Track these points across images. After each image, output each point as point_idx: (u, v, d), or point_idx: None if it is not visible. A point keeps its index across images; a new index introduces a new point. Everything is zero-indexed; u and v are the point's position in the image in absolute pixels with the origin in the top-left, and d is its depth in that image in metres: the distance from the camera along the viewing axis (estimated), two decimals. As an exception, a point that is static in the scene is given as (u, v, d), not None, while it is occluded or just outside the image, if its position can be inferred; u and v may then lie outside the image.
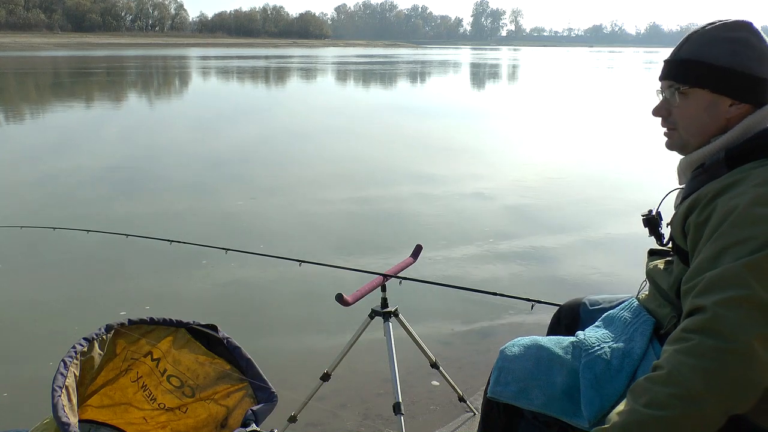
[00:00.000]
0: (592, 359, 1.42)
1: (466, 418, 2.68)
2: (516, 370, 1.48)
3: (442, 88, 25.12)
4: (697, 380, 1.02)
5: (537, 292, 4.19)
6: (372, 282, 2.16)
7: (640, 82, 29.38)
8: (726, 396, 1.02)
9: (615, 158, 9.16)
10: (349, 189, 7.03)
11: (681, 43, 1.38)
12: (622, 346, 1.42)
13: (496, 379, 1.50)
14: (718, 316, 1.05)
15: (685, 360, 1.05)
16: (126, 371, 1.59)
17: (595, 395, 1.37)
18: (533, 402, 1.43)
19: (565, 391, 1.41)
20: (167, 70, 33.97)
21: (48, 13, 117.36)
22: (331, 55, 65.18)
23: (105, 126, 12.26)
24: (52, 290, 4.12)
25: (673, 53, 1.38)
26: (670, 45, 48.90)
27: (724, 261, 1.11)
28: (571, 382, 1.42)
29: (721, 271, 1.10)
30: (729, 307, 1.05)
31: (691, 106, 1.34)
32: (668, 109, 1.39)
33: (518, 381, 1.47)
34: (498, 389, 1.48)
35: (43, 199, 6.48)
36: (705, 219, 1.23)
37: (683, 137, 1.38)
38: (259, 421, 1.40)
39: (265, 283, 4.30)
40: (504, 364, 1.51)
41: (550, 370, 1.45)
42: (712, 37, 1.32)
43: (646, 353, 1.40)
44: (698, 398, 1.02)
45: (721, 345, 1.02)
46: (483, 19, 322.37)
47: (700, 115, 1.33)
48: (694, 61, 1.33)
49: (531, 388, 1.44)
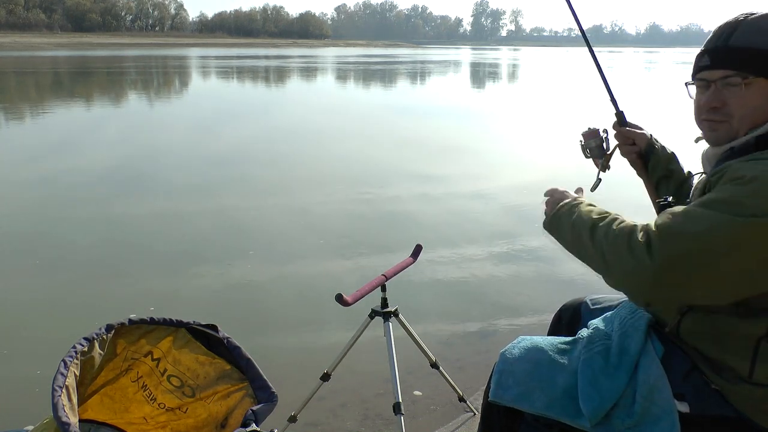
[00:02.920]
0: (590, 357, 1.43)
1: (466, 418, 2.68)
2: (516, 373, 1.47)
3: (442, 88, 25.12)
4: (609, 238, 1.23)
5: (537, 292, 4.21)
6: (372, 282, 2.16)
7: (639, 82, 29.39)
8: (614, 254, 1.21)
9: (615, 158, 9.15)
10: (349, 189, 7.03)
11: (727, 32, 1.33)
12: (619, 344, 1.42)
13: (497, 383, 1.49)
14: (662, 237, 1.16)
15: (625, 228, 1.23)
16: (126, 371, 1.59)
17: (594, 392, 1.37)
18: (534, 405, 1.42)
19: (566, 392, 1.41)
20: (167, 70, 33.97)
21: (48, 13, 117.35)
22: (331, 55, 65.17)
23: (105, 126, 12.27)
24: (52, 290, 4.12)
25: (722, 41, 1.33)
26: (670, 45, 48.81)
27: (708, 206, 1.17)
28: (572, 382, 1.41)
29: (701, 212, 1.17)
30: (683, 237, 1.15)
31: (755, 95, 1.30)
32: (723, 100, 1.33)
33: (519, 384, 1.45)
34: (499, 392, 1.47)
35: (43, 198, 6.48)
36: (717, 179, 1.24)
37: (735, 128, 1.33)
38: (259, 421, 1.40)
39: (265, 283, 4.30)
40: (504, 366, 1.50)
41: (550, 371, 1.45)
42: (759, 26, 1.29)
43: (644, 349, 1.40)
44: (596, 236, 1.27)
45: (639, 252, 1.16)
46: (483, 19, 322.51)
47: (763, 105, 1.30)
48: (755, 49, 1.28)
49: (532, 391, 1.43)
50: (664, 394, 1.33)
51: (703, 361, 1.35)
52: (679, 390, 1.35)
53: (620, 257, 1.19)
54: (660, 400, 1.33)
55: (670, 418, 1.32)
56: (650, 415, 1.33)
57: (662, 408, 1.33)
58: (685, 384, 1.35)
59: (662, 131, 1.45)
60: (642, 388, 1.35)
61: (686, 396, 1.34)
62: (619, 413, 1.35)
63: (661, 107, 15.34)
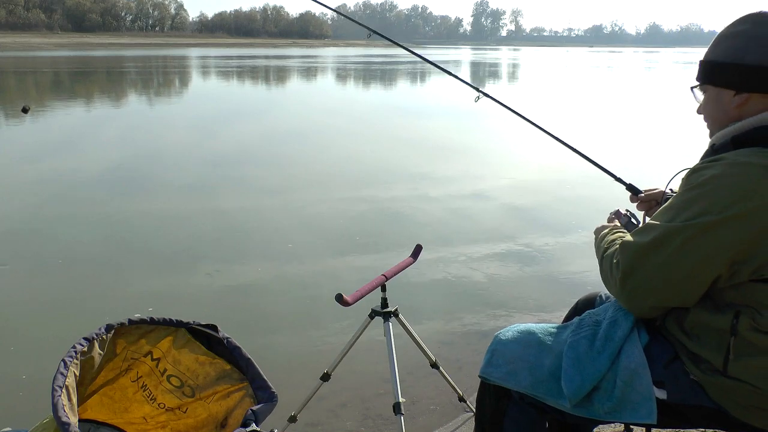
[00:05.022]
0: (576, 340, 1.48)
1: (466, 418, 2.68)
2: (507, 353, 1.55)
3: (442, 87, 25.11)
4: (605, 266, 1.48)
5: (537, 292, 4.21)
6: (372, 282, 2.16)
7: (639, 82, 29.40)
8: (605, 275, 1.48)
9: (614, 158, 9.16)
10: (348, 189, 7.04)
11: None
12: (606, 330, 1.47)
13: (487, 361, 1.57)
14: (623, 252, 1.39)
15: (612, 252, 1.47)
16: (126, 371, 1.59)
17: (576, 374, 1.42)
18: (521, 383, 1.49)
19: (552, 373, 1.46)
20: (167, 71, 33.96)
21: (48, 13, 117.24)
22: (331, 55, 65.16)
23: (105, 126, 12.26)
24: (52, 290, 4.12)
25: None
26: (670, 45, 48.98)
27: (656, 217, 1.36)
28: (558, 363, 1.47)
29: (651, 224, 1.35)
30: (633, 250, 1.36)
31: (707, 102, 1.47)
32: (700, 106, 1.51)
33: (508, 363, 1.53)
34: (489, 370, 1.55)
35: (44, 198, 6.48)
36: (681, 185, 1.38)
37: (709, 130, 1.49)
38: (259, 421, 1.40)
39: (265, 283, 4.30)
40: (497, 347, 1.58)
41: (539, 353, 1.51)
42: (719, 36, 1.43)
43: (629, 337, 1.45)
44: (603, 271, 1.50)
45: (617, 268, 1.40)
46: (483, 19, 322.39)
47: (712, 109, 1.45)
48: (704, 61, 1.45)
49: (519, 370, 1.50)
50: (644, 380, 1.38)
51: (683, 352, 1.40)
52: (660, 378, 1.40)
53: (605, 275, 1.47)
54: (639, 386, 1.38)
55: (648, 404, 1.36)
56: (629, 400, 1.38)
57: (641, 394, 1.37)
58: (665, 372, 1.41)
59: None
60: (623, 373, 1.40)
61: (666, 383, 1.40)
62: (600, 396, 1.40)
63: (664, 108, 15.32)
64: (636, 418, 1.37)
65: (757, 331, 1.27)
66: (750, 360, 1.29)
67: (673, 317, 1.41)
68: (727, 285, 1.30)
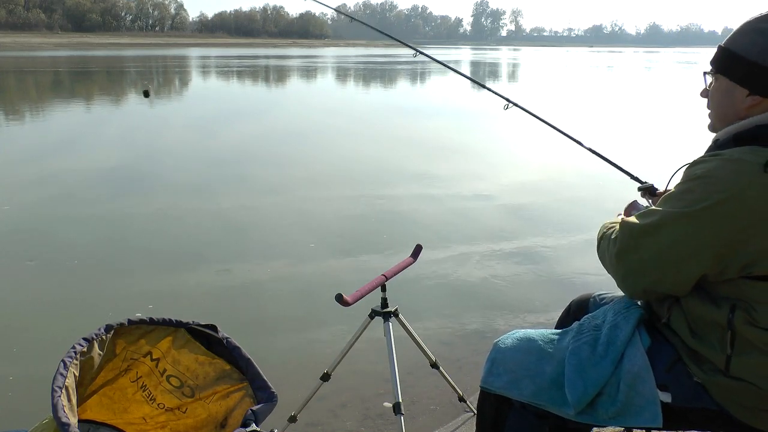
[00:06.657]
0: (577, 346, 1.47)
1: (466, 418, 2.68)
2: (507, 361, 1.53)
3: (442, 87, 25.10)
4: (603, 244, 1.51)
5: (537, 292, 4.21)
6: (372, 282, 2.16)
7: (639, 82, 29.40)
8: (601, 252, 1.52)
9: (614, 157, 9.15)
10: (349, 189, 7.03)
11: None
12: (608, 335, 1.46)
13: (488, 371, 1.55)
14: (622, 231, 1.41)
15: (611, 236, 1.47)
16: (125, 371, 1.59)
17: (579, 379, 1.40)
18: (523, 392, 1.47)
19: (553, 381, 1.45)
20: (167, 71, 33.96)
21: (48, 13, 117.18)
22: (331, 55, 65.14)
23: (105, 125, 12.26)
24: (52, 290, 4.11)
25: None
26: (670, 45, 49.00)
27: (664, 203, 1.36)
28: (560, 371, 1.45)
29: (653, 209, 1.37)
30: (632, 229, 1.38)
31: (717, 91, 1.42)
32: (707, 92, 1.47)
33: (509, 372, 1.50)
34: (490, 380, 1.53)
35: (43, 198, 6.48)
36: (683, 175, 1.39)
37: (711, 119, 1.47)
38: (259, 421, 1.40)
39: (265, 283, 4.30)
40: (496, 355, 1.56)
41: (540, 360, 1.49)
42: (746, 28, 1.36)
43: (632, 341, 1.43)
44: (601, 248, 1.54)
45: (614, 244, 1.43)
46: (483, 19, 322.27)
47: (721, 101, 1.41)
48: (724, 49, 1.39)
49: (521, 379, 1.48)
50: (648, 383, 1.37)
51: (686, 353, 1.39)
52: (663, 381, 1.39)
53: (602, 252, 1.51)
54: (643, 390, 1.37)
55: (652, 408, 1.35)
56: (633, 405, 1.37)
57: (645, 398, 1.36)
58: (668, 375, 1.40)
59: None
60: (627, 377, 1.39)
61: (669, 387, 1.39)
62: (604, 402, 1.39)
63: (666, 107, 15.32)
64: (641, 422, 1.36)
65: (753, 325, 1.27)
66: (749, 359, 1.29)
67: (675, 313, 1.40)
68: (719, 280, 1.31)
